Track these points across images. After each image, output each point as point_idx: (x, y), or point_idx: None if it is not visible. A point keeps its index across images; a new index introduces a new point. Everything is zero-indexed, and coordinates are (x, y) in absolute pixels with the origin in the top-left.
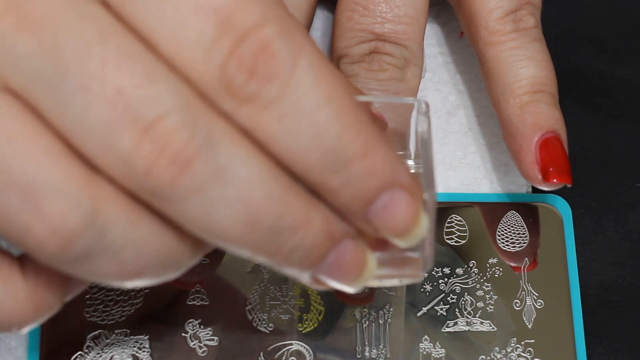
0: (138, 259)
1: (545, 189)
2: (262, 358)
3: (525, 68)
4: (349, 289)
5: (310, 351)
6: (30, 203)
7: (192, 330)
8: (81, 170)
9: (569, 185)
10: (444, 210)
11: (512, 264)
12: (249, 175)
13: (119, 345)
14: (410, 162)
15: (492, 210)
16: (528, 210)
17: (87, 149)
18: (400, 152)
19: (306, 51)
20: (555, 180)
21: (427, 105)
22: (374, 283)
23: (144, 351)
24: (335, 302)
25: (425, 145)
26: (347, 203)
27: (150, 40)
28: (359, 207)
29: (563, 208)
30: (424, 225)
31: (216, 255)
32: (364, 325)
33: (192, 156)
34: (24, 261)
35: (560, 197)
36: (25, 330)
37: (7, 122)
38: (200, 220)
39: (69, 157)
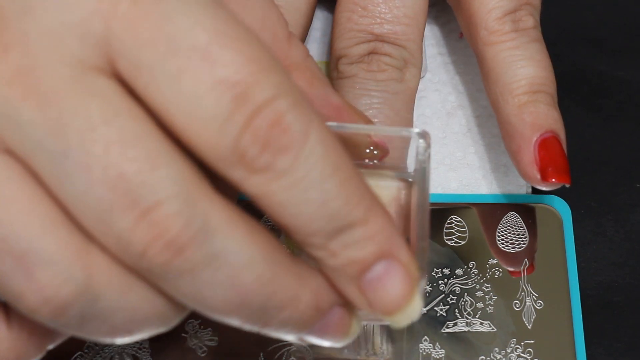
0: (129, 322)
1: (544, 188)
2: (262, 358)
3: (524, 68)
4: (334, 346)
5: (310, 351)
6: (24, 271)
7: (192, 331)
8: (76, 239)
9: (567, 185)
10: (444, 211)
11: (511, 265)
12: (241, 261)
13: (119, 346)
14: (409, 172)
15: (492, 211)
16: (528, 211)
17: (85, 222)
18: (402, 164)
19: (316, 123)
20: (554, 180)
21: (428, 136)
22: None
23: (144, 351)
24: None
25: (422, 174)
26: (343, 266)
27: (161, 112)
28: (354, 273)
29: (563, 209)
30: (417, 306)
31: None
32: (364, 325)
33: (187, 243)
34: (9, 310)
35: (559, 198)
36: None
37: (6, 186)
38: (190, 296)
39: (65, 225)
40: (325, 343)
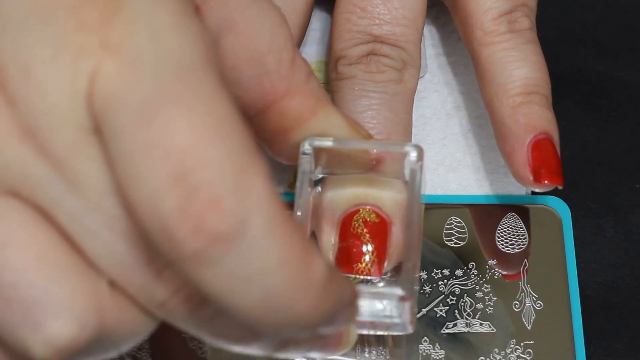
0: (130, 343)
1: (537, 190)
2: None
3: (519, 69)
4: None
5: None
6: (33, 322)
7: None
8: (89, 282)
9: (560, 187)
10: (444, 212)
11: (511, 266)
12: None
13: None
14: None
15: (492, 212)
16: (527, 212)
17: (106, 270)
18: (400, 175)
19: (262, 208)
20: (546, 181)
21: (421, 150)
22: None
23: (144, 352)
24: None
25: (414, 179)
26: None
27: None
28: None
29: (562, 209)
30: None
31: None
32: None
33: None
34: None
35: (559, 199)
36: None
37: (18, 233)
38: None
39: (77, 268)
40: (326, 356)
